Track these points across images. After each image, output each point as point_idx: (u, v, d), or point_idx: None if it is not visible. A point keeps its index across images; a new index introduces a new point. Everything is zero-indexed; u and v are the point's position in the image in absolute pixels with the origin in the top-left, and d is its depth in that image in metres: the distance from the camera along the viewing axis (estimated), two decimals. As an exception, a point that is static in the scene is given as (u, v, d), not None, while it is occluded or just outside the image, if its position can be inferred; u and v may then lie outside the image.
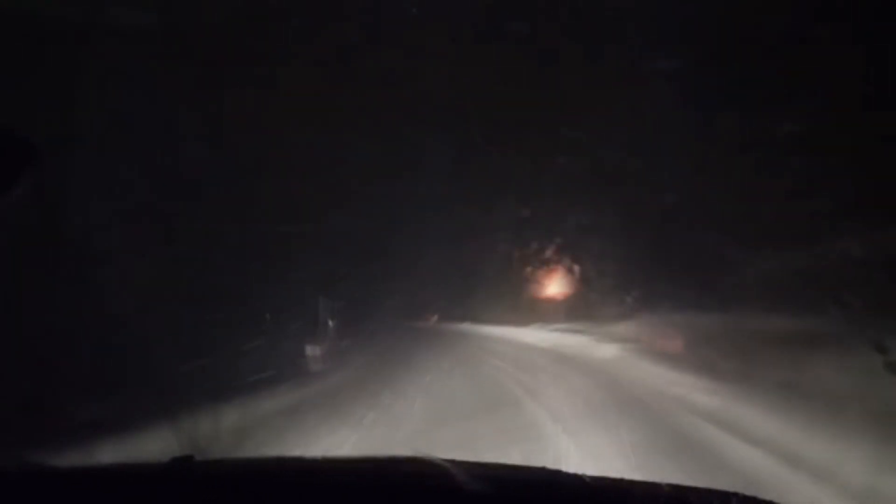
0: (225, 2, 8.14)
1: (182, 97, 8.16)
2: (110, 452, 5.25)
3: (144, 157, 8.18)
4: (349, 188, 12.06)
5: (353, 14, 8.54)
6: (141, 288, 8.46)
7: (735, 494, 1.65)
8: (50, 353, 6.81)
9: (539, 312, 15.13)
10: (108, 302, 7.88)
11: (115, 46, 7.19)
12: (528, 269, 13.22)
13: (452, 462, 1.76)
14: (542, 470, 1.84)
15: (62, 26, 6.83)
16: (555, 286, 13.80)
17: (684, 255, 9.99)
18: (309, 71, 9.14)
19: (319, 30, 8.51)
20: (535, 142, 10.70)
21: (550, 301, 14.33)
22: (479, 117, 10.32)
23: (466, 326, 18.08)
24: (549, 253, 12.29)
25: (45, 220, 6.77)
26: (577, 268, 12.27)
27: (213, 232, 9.59)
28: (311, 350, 12.20)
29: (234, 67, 8.50)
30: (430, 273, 16.05)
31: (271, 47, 8.46)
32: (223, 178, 9.39)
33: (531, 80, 9.56)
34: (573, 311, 13.89)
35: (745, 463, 5.22)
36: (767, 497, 1.63)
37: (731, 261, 9.11)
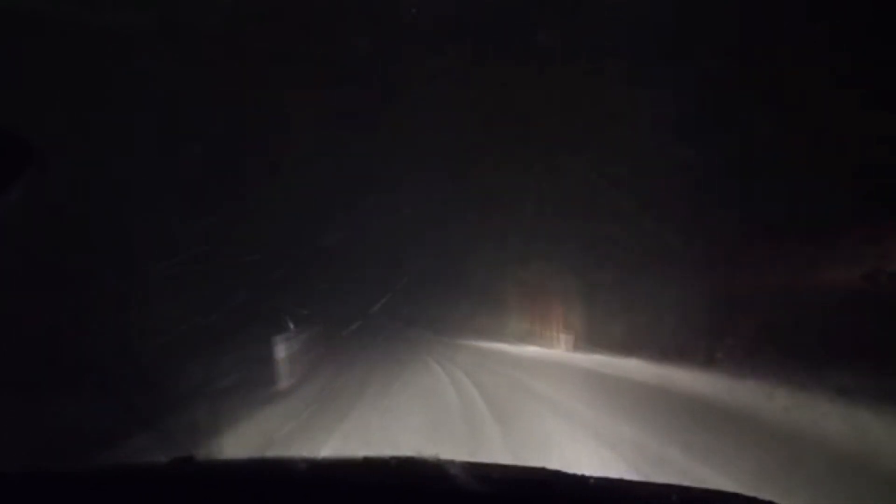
0: (223, 2, 8.15)
1: (181, 98, 8.17)
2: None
3: (143, 158, 8.19)
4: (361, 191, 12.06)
5: (352, 15, 8.54)
6: (139, 289, 8.47)
7: (735, 495, 1.65)
8: (49, 353, 6.80)
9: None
10: (108, 304, 7.88)
11: (114, 46, 7.20)
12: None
13: (452, 462, 1.76)
14: (542, 470, 1.84)
15: (62, 26, 6.83)
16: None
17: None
18: (307, 72, 9.15)
19: (319, 31, 8.51)
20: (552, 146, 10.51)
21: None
22: (482, 120, 10.31)
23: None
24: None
25: (45, 220, 6.77)
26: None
27: (212, 232, 9.59)
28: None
29: (232, 69, 8.50)
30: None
31: (270, 49, 8.46)
32: (221, 178, 9.41)
33: (538, 81, 9.50)
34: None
35: None
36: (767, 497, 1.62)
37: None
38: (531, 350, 13.58)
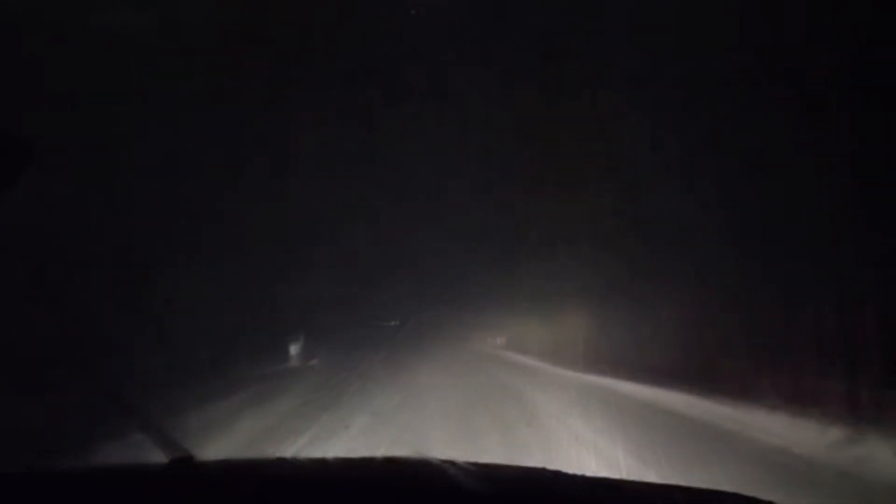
0: (224, 2, 8.13)
1: (181, 98, 8.16)
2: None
3: (143, 158, 8.18)
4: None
5: (353, 15, 8.52)
6: (141, 288, 8.46)
7: (735, 495, 1.65)
8: (49, 353, 6.81)
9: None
10: (108, 304, 7.87)
11: (114, 46, 7.20)
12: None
13: (452, 462, 1.76)
14: (543, 470, 1.84)
15: (62, 26, 6.83)
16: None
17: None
18: (308, 72, 9.14)
19: (319, 31, 8.50)
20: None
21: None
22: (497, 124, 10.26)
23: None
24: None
25: (45, 220, 6.77)
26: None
27: (211, 236, 9.60)
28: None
29: (232, 69, 8.49)
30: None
31: (270, 49, 8.45)
32: (223, 178, 9.41)
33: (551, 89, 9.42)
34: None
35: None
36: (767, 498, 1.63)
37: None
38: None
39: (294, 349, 14.35)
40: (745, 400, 8.01)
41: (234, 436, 7.37)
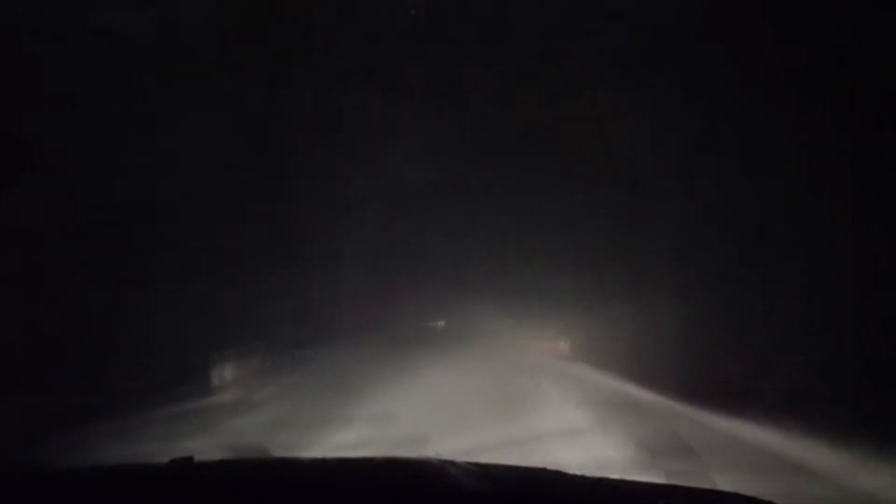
0: (224, 2, 8.13)
1: (181, 99, 8.16)
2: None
3: (143, 159, 8.17)
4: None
5: (353, 15, 8.53)
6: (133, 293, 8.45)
7: (734, 495, 1.65)
8: (49, 354, 6.80)
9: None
10: (109, 304, 7.87)
11: (115, 46, 7.20)
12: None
13: (452, 462, 1.76)
14: (543, 470, 1.84)
15: (62, 26, 6.83)
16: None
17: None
18: (308, 73, 9.14)
19: (320, 31, 8.50)
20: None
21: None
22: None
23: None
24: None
25: (45, 220, 6.77)
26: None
27: (211, 240, 9.57)
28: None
29: (231, 69, 8.49)
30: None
31: (269, 50, 8.45)
32: (221, 179, 9.40)
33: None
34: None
35: None
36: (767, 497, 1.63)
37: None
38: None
39: (225, 373, 9.71)
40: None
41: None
